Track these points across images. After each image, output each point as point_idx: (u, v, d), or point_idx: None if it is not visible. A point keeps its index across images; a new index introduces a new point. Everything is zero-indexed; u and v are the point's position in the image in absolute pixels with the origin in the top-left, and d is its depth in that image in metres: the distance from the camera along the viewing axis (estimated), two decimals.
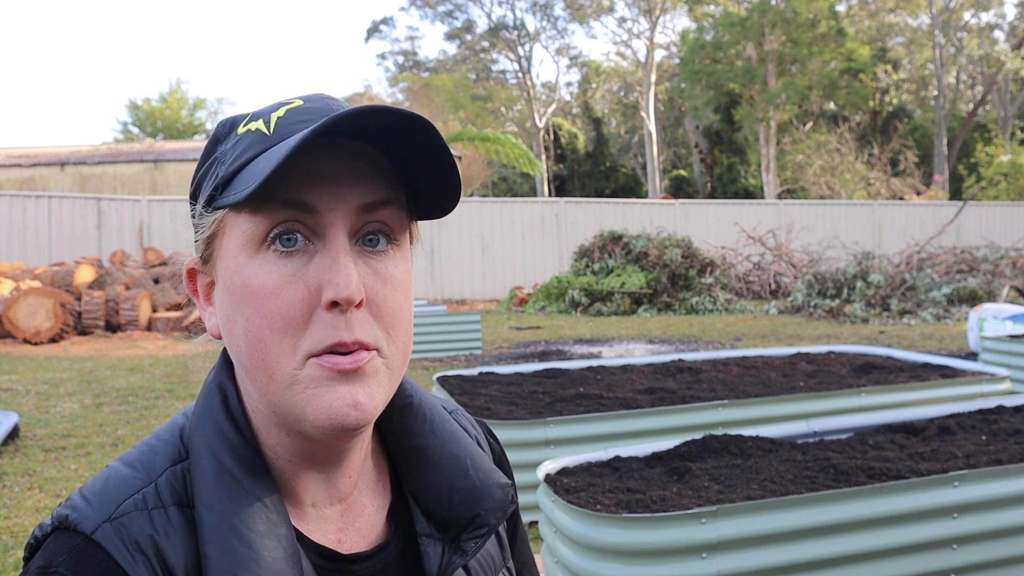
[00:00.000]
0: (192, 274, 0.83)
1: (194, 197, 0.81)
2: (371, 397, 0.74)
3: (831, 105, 37.86)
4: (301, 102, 0.79)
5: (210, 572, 0.70)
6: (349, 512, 0.83)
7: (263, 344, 0.74)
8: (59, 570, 0.70)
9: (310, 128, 0.70)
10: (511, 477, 0.99)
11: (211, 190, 0.77)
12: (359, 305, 0.74)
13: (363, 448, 0.84)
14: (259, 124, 0.78)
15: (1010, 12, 54.87)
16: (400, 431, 0.87)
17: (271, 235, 0.74)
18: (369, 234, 0.76)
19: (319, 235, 0.74)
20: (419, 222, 0.83)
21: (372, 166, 0.76)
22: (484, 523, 0.84)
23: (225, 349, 0.83)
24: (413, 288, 0.82)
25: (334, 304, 0.72)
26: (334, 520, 0.82)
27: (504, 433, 3.88)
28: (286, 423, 0.76)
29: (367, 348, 0.74)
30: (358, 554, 0.81)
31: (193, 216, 0.81)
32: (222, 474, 0.75)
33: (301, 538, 0.78)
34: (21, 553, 3.91)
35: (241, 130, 0.78)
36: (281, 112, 0.78)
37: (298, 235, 0.74)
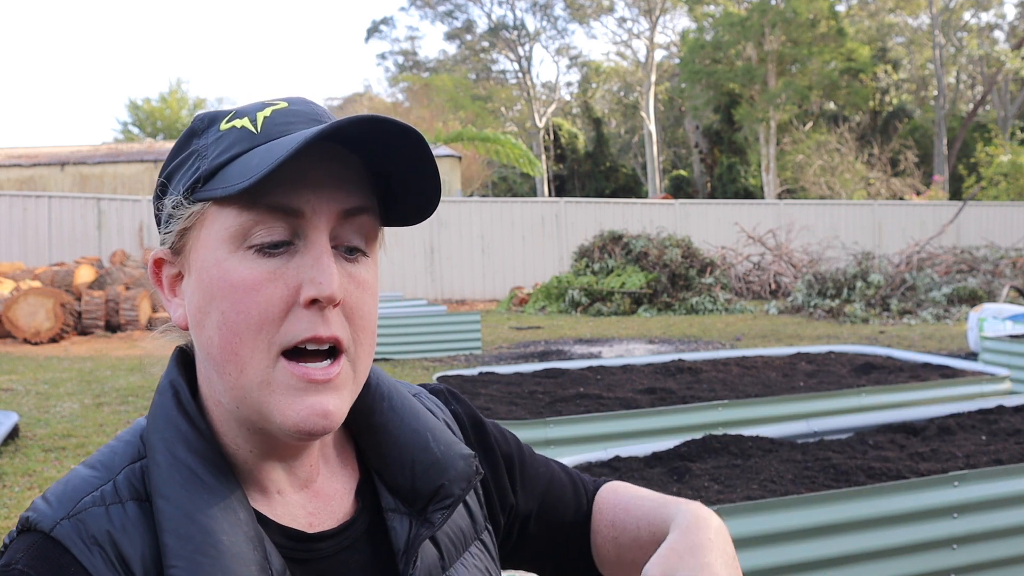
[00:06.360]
0: (159, 264, 0.84)
1: (162, 189, 0.81)
2: (340, 407, 0.77)
3: (831, 105, 37.84)
4: (285, 104, 0.80)
5: (169, 560, 0.72)
6: (318, 497, 0.85)
7: (237, 339, 0.75)
8: (17, 567, 0.71)
9: (313, 131, 0.72)
10: (502, 447, 1.00)
11: (191, 182, 0.78)
12: (336, 304, 0.76)
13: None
14: (244, 122, 0.78)
15: (1010, 12, 54.90)
16: (360, 410, 0.88)
17: (254, 232, 0.75)
18: (346, 239, 0.78)
19: (301, 236, 0.76)
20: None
21: (353, 173, 0.78)
22: (448, 493, 0.86)
23: (177, 350, 0.85)
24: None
25: (314, 301, 0.74)
26: (303, 505, 0.83)
27: None
28: (250, 420, 0.78)
29: (340, 345, 0.76)
30: (323, 532, 0.83)
31: (160, 209, 0.82)
32: (176, 465, 0.76)
33: (266, 522, 0.79)
34: None
35: (224, 126, 0.79)
36: (267, 112, 0.79)
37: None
